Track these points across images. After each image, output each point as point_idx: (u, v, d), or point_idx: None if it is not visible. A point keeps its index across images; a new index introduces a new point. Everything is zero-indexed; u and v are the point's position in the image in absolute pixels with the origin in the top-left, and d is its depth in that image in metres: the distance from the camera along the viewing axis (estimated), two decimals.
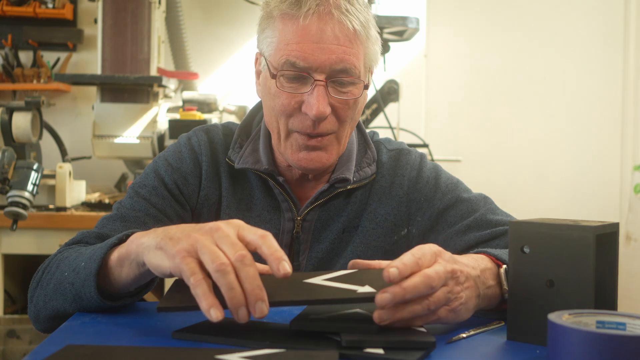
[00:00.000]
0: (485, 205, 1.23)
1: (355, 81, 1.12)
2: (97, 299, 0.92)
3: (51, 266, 1.04)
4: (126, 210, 1.16)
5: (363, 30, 1.12)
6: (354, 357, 0.76)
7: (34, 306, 1.04)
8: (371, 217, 1.23)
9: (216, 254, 0.78)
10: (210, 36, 3.27)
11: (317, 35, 1.08)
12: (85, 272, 0.93)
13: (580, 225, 0.82)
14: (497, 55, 3.52)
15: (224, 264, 0.77)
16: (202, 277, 0.77)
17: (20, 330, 2.42)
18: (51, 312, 0.99)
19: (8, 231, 2.29)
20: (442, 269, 0.83)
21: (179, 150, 1.24)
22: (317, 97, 1.09)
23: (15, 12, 2.99)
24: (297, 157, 1.15)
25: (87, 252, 0.97)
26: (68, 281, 0.96)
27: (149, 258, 0.84)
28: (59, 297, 0.97)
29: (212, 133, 1.26)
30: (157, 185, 1.19)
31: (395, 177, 1.26)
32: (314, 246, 1.21)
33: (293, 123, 1.13)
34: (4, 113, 2.31)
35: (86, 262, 0.94)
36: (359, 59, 1.12)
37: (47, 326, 1.03)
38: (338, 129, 1.14)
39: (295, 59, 1.09)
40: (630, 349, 0.66)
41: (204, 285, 0.77)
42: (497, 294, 0.95)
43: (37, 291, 1.04)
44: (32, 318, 1.06)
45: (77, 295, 0.94)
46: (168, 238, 0.82)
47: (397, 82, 2.81)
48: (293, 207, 1.20)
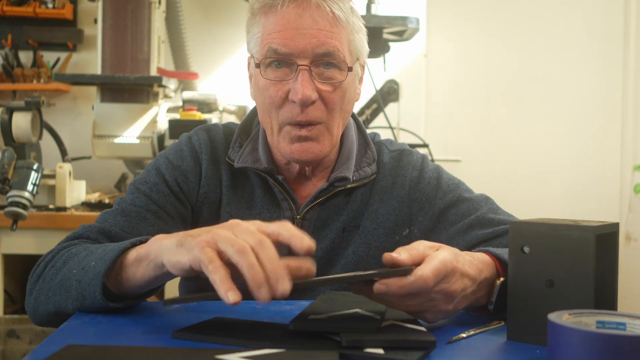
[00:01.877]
0: (487, 205, 1.23)
1: (340, 64, 1.13)
2: (100, 299, 0.92)
3: (56, 261, 1.04)
4: (127, 205, 1.17)
5: (343, 16, 1.13)
6: (354, 357, 0.76)
7: (34, 299, 1.03)
8: (372, 217, 1.23)
9: (235, 240, 0.78)
10: (210, 36, 3.27)
11: (296, 21, 1.11)
12: (94, 271, 0.93)
13: (580, 225, 0.82)
14: (497, 55, 3.52)
15: (243, 246, 0.77)
16: (220, 264, 0.77)
17: (20, 330, 2.42)
18: (52, 308, 0.99)
19: (8, 231, 2.29)
20: (442, 266, 0.85)
21: (180, 148, 1.25)
22: (302, 82, 1.10)
23: (15, 12, 2.99)
24: (290, 149, 1.15)
25: (98, 252, 0.97)
26: (75, 278, 0.95)
27: (168, 257, 0.84)
28: (63, 293, 0.97)
29: (213, 132, 1.27)
30: (157, 182, 1.20)
31: (397, 177, 1.26)
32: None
33: (283, 114, 1.14)
34: (4, 113, 2.31)
35: (97, 262, 0.94)
36: (341, 42, 1.13)
37: (44, 321, 1.03)
38: (327, 118, 1.15)
39: (277, 45, 1.11)
40: (630, 349, 0.66)
41: (222, 271, 0.76)
42: (482, 302, 0.96)
43: (39, 284, 1.03)
44: (29, 310, 1.05)
45: (81, 294, 0.94)
46: (189, 236, 0.83)
47: (397, 82, 2.81)
48: (293, 206, 1.21)
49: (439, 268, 0.84)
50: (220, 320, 0.90)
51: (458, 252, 0.91)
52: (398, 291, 0.83)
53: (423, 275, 0.83)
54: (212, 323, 0.89)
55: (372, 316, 0.85)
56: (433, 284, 0.84)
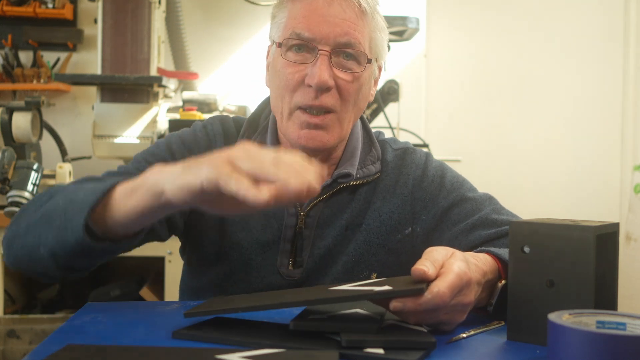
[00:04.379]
0: (491, 205, 1.23)
1: (359, 57, 1.14)
2: (81, 231, 0.88)
3: (41, 197, 1.01)
4: (130, 169, 1.15)
5: (370, 10, 1.15)
6: (354, 357, 0.76)
7: (12, 232, 0.99)
8: (375, 215, 1.23)
9: (254, 156, 0.78)
10: (210, 36, 3.27)
11: (324, 9, 1.12)
12: (83, 202, 0.89)
13: (580, 225, 0.82)
14: (497, 55, 3.52)
15: (264, 161, 0.77)
16: (242, 176, 0.76)
17: (20, 330, 2.42)
18: (30, 240, 0.95)
19: None
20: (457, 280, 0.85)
21: (195, 133, 1.24)
22: (320, 67, 1.11)
23: (15, 12, 2.99)
24: (298, 134, 1.15)
25: (88, 185, 0.95)
26: (61, 209, 0.92)
27: (172, 182, 0.82)
28: (44, 224, 0.93)
29: (227, 125, 1.27)
30: (166, 157, 1.18)
31: (400, 176, 1.26)
32: (317, 242, 1.21)
33: (296, 97, 1.14)
34: (4, 113, 2.31)
35: (86, 192, 0.91)
36: (363, 36, 1.14)
37: (17, 256, 0.99)
38: (340, 109, 1.15)
39: (300, 30, 1.12)
40: (630, 349, 0.66)
41: (246, 181, 0.76)
42: (483, 303, 0.96)
43: (19, 218, 1.00)
44: (4, 245, 1.01)
45: (63, 224, 0.90)
46: (195, 161, 0.82)
47: (397, 82, 2.81)
48: (297, 202, 1.20)
49: (455, 282, 0.84)
50: (220, 320, 0.90)
51: (468, 258, 0.91)
52: (415, 308, 0.83)
53: (440, 291, 0.82)
54: (212, 323, 0.89)
55: (372, 316, 0.85)
56: (449, 299, 0.83)
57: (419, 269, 0.83)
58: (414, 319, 0.86)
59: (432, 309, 0.84)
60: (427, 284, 0.83)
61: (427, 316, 0.86)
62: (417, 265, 0.84)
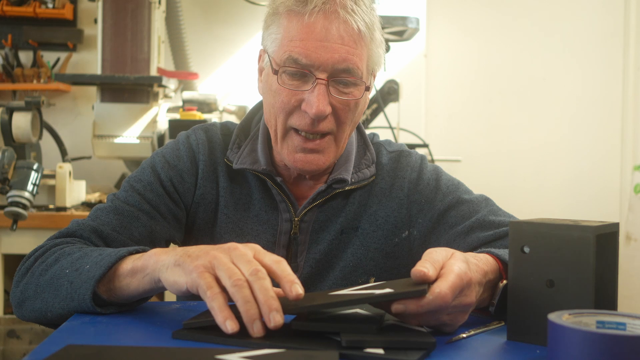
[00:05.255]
0: (487, 207, 1.22)
1: (357, 82, 1.12)
2: (89, 303, 0.92)
3: (47, 257, 1.03)
4: (120, 203, 1.16)
5: (368, 32, 1.12)
6: (354, 357, 0.76)
7: (21, 292, 1.03)
8: (371, 219, 1.22)
9: (232, 270, 0.81)
10: (210, 36, 3.27)
11: (322, 33, 1.08)
12: (88, 275, 0.93)
13: (580, 225, 0.82)
14: (497, 55, 3.52)
15: (240, 279, 0.80)
16: (218, 291, 0.81)
17: (20, 330, 2.42)
18: (39, 304, 0.99)
19: (8, 231, 2.29)
20: (458, 281, 0.85)
21: (177, 147, 1.23)
22: (318, 96, 1.09)
23: (15, 12, 2.99)
24: (294, 158, 1.15)
25: (93, 255, 0.97)
26: (67, 279, 0.96)
27: (166, 275, 0.87)
28: (51, 291, 0.97)
29: (211, 132, 1.26)
30: (152, 181, 1.19)
31: (395, 179, 1.25)
32: (312, 247, 1.21)
33: (292, 120, 1.13)
34: (4, 113, 2.30)
35: (91, 265, 0.94)
36: (362, 60, 1.12)
37: (28, 317, 1.03)
38: (337, 131, 1.14)
39: (298, 55, 1.09)
40: (630, 349, 0.65)
41: (220, 298, 0.80)
42: (484, 303, 0.96)
43: (28, 278, 1.03)
44: (14, 302, 1.05)
45: (70, 295, 0.94)
46: (186, 256, 0.86)
47: (397, 82, 2.81)
48: (291, 208, 1.20)
49: (456, 283, 0.84)
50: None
51: (469, 258, 0.91)
52: (417, 310, 0.83)
53: (441, 293, 0.82)
54: (212, 323, 0.89)
55: (372, 316, 0.85)
56: (451, 300, 0.83)
57: (419, 270, 0.83)
58: (415, 321, 0.86)
59: (434, 311, 0.83)
60: (428, 285, 0.83)
61: (429, 318, 0.85)
62: (417, 266, 0.84)
